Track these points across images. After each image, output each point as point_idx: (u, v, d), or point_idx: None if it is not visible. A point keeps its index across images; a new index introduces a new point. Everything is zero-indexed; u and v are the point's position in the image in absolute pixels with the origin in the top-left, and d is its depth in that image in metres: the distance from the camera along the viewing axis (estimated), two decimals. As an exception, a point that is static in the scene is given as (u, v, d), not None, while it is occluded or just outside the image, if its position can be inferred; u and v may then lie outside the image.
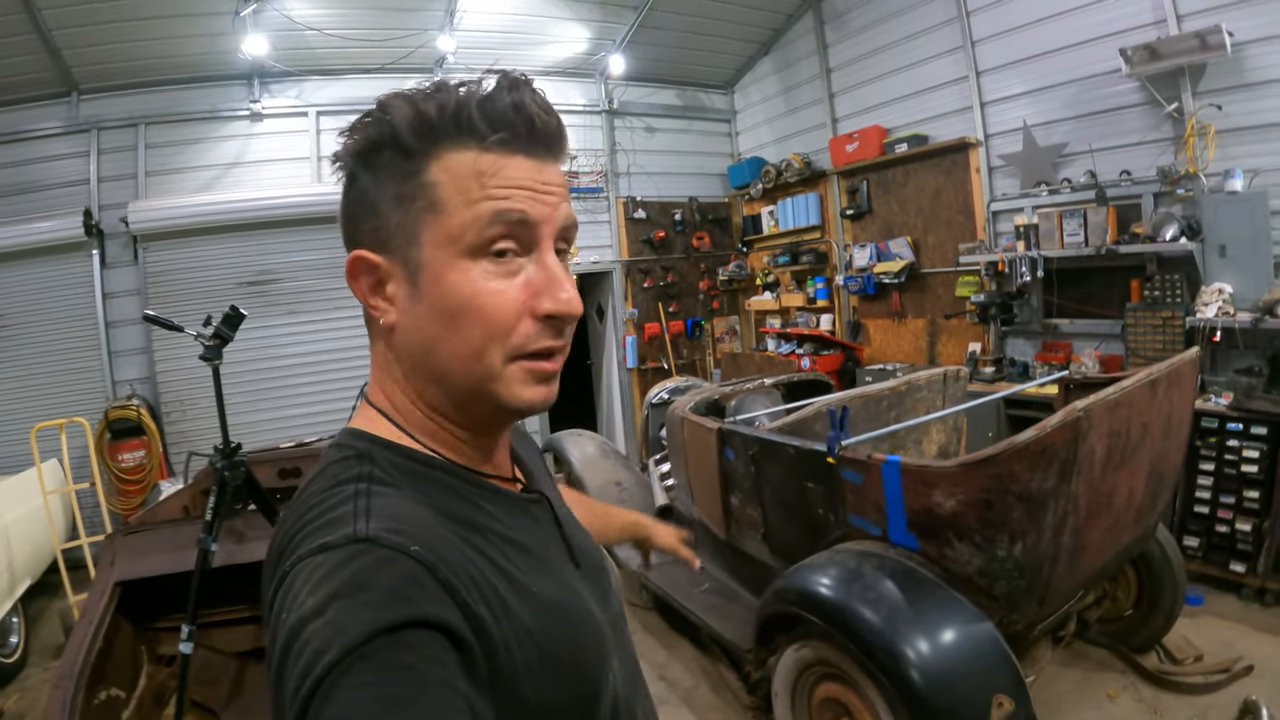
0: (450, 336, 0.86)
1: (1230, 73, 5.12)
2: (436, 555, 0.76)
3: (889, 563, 3.12)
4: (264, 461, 4.61)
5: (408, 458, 0.89)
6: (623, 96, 9.21)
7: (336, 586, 0.70)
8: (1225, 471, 4.74)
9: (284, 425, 7.26)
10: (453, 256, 0.84)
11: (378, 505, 0.80)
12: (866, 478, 3.29)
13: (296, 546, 0.78)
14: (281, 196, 7.33)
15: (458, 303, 0.84)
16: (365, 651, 0.65)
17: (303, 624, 0.68)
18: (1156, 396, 3.27)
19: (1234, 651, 4.12)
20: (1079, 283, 6.20)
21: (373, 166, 0.86)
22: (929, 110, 7.40)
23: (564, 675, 0.85)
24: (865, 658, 2.87)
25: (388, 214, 0.86)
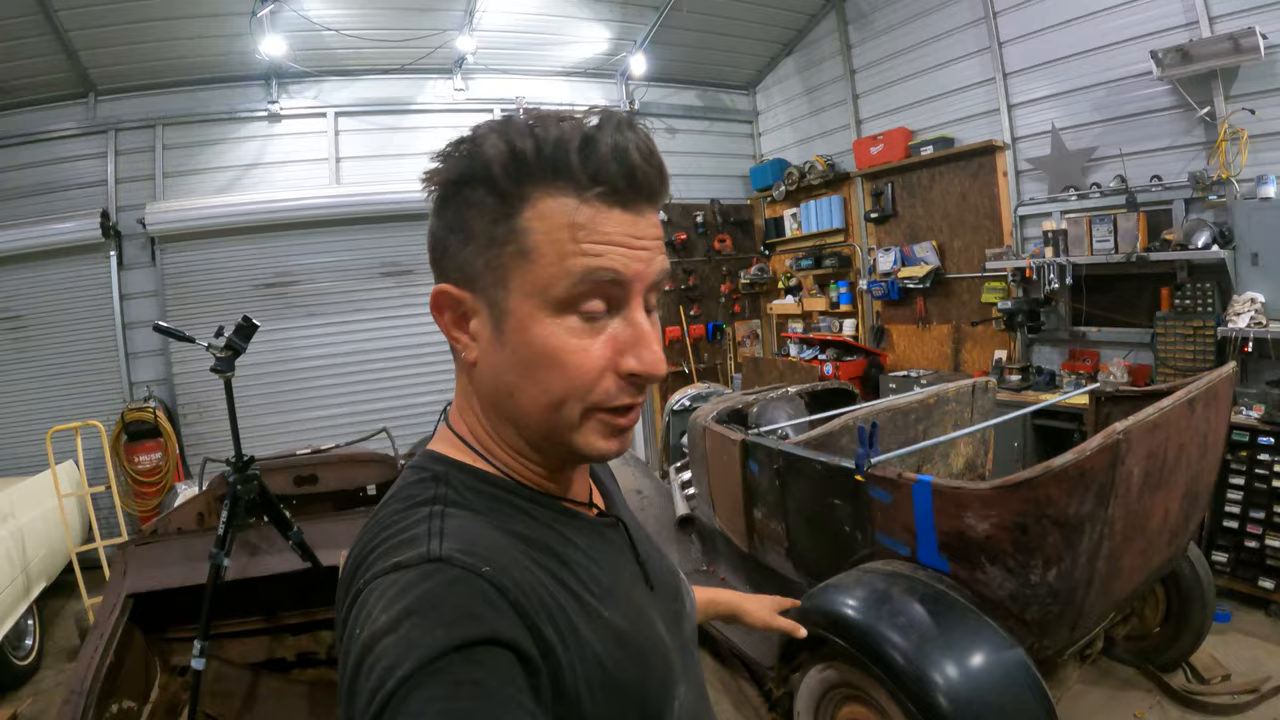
0: (529, 386, 0.85)
1: (1263, 76, 4.99)
2: (508, 577, 0.77)
3: (919, 585, 3.04)
4: (280, 469, 4.58)
5: (483, 481, 0.90)
6: (643, 97, 9.12)
7: (410, 604, 0.71)
8: (1256, 486, 4.63)
9: (303, 429, 7.26)
10: (539, 308, 0.82)
11: (451, 527, 0.81)
12: (896, 497, 3.21)
13: (371, 565, 0.80)
14: (300, 198, 7.31)
15: (540, 356, 0.83)
16: (437, 667, 0.66)
17: (376, 640, 0.69)
18: (1194, 415, 3.18)
19: (1262, 670, 4.07)
20: (1107, 290, 6.07)
21: (463, 200, 0.84)
22: (955, 112, 7.28)
23: (628, 700, 0.85)
24: (892, 683, 2.80)
25: (476, 252, 0.84)
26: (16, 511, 5.25)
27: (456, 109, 8.04)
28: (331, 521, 4.14)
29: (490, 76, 8.15)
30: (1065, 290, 6.20)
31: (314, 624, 3.95)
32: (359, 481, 4.85)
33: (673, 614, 1.06)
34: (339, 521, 4.15)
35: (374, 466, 4.91)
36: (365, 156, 7.75)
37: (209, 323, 3.73)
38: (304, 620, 3.94)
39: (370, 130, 7.80)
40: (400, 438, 7.03)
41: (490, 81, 8.16)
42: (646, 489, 5.62)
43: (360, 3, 7.00)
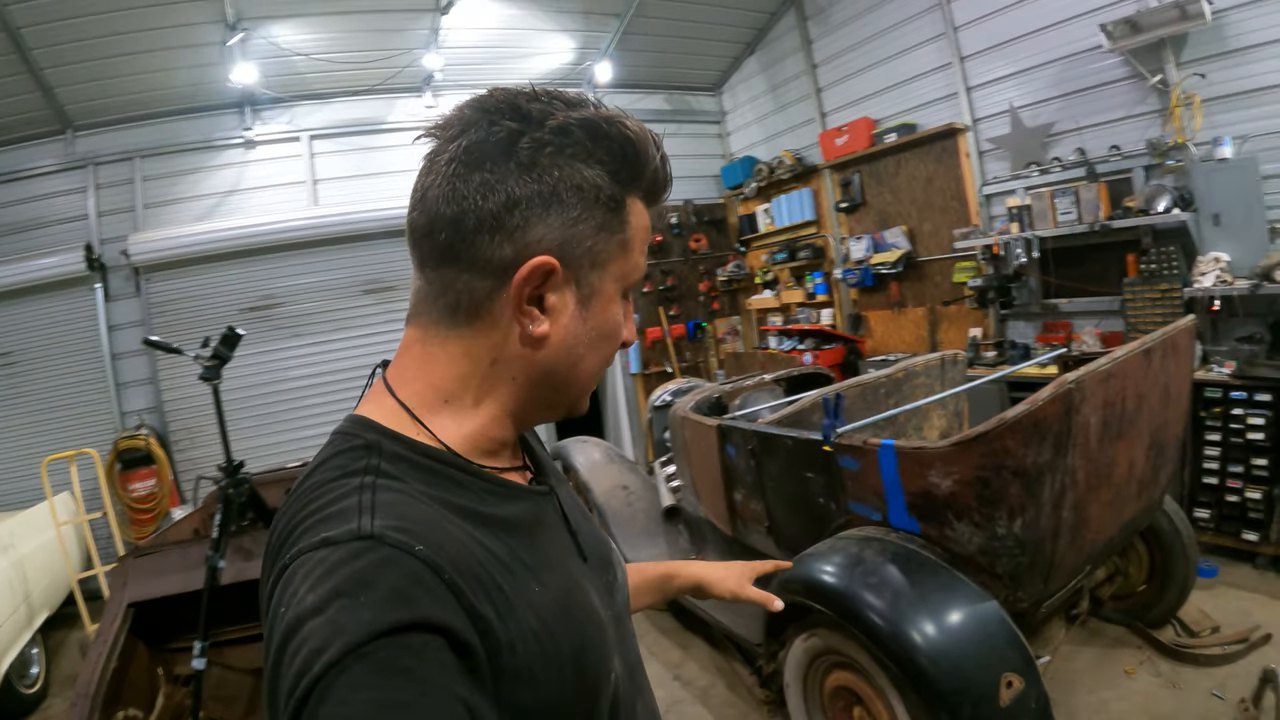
0: (592, 355, 0.94)
1: (1212, 41, 5.10)
2: (443, 555, 0.75)
3: (890, 547, 3.11)
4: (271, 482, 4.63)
5: (416, 451, 0.87)
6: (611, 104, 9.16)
7: (338, 584, 0.69)
8: (1232, 441, 4.72)
9: (293, 448, 7.31)
10: (618, 290, 0.94)
11: (383, 500, 0.78)
12: (864, 463, 3.29)
13: (297, 539, 0.77)
14: (279, 221, 7.41)
15: (610, 328, 0.94)
16: (365, 652, 0.64)
17: (301, 621, 0.68)
18: (1152, 366, 3.25)
19: (1251, 621, 4.10)
20: (1075, 262, 6.17)
21: (576, 179, 0.87)
22: (916, 99, 7.39)
23: (566, 674, 0.85)
24: (872, 643, 2.86)
25: (586, 234, 0.88)
26: (16, 543, 5.30)
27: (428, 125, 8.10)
28: None
29: (459, 92, 8.17)
30: (1034, 264, 6.29)
31: None
32: (350, 492, 4.92)
33: (605, 585, 1.06)
34: None
35: None
36: (341, 177, 7.85)
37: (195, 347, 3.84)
38: None
39: (345, 151, 7.90)
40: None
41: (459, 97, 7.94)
42: (633, 485, 5.67)
43: (328, 27, 7.11)
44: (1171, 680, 3.81)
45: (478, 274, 0.86)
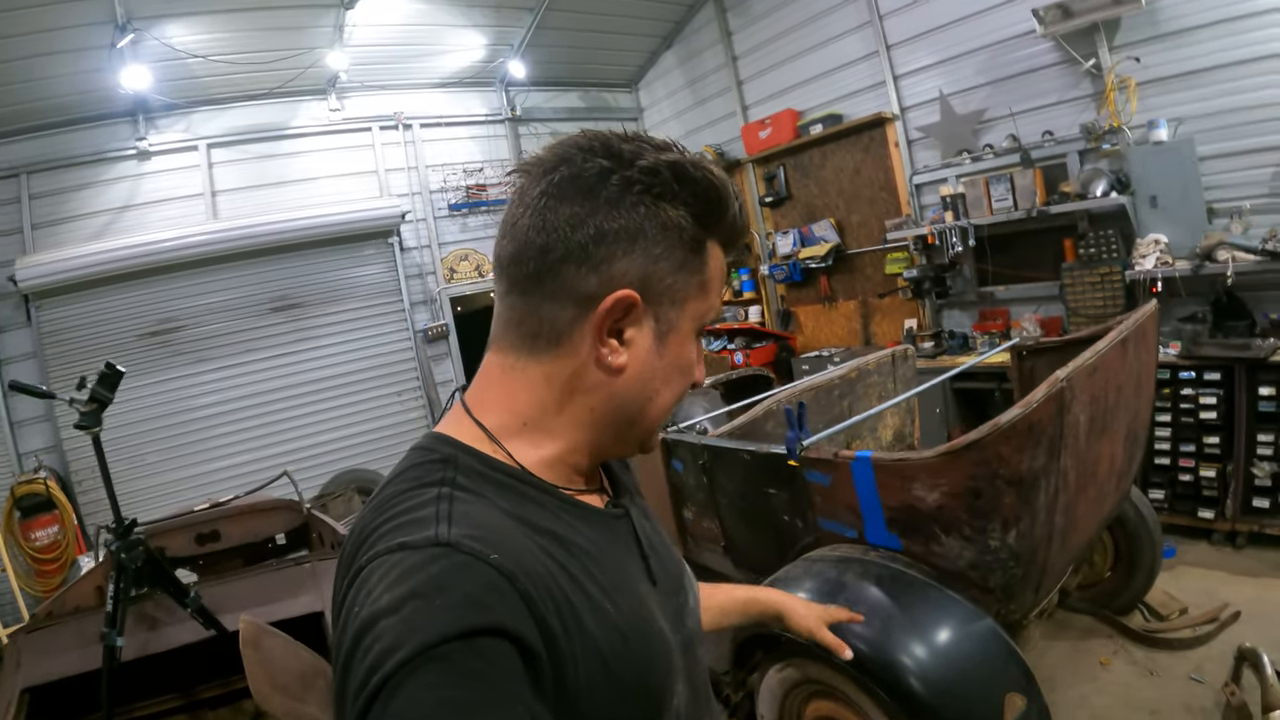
0: (666, 391, 0.96)
1: (1145, 24, 5.07)
2: (516, 564, 0.76)
3: (873, 567, 2.90)
4: (177, 528, 4.26)
5: (492, 467, 0.89)
6: (525, 103, 8.91)
7: (414, 586, 0.71)
8: (1183, 420, 4.71)
9: (206, 482, 6.86)
10: (693, 329, 0.97)
11: (459, 510, 0.80)
12: (835, 478, 3.08)
13: (375, 543, 0.79)
14: (177, 238, 6.86)
15: (685, 366, 0.97)
16: (438, 654, 0.66)
17: (375, 619, 0.69)
18: (1127, 356, 3.16)
19: (1216, 599, 4.10)
20: (1010, 248, 6.13)
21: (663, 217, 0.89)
22: (842, 89, 7.27)
23: (627, 694, 0.85)
24: (860, 674, 2.65)
25: (667, 271, 0.91)
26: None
27: (333, 130, 7.70)
28: (235, 581, 3.85)
29: (366, 94, 7.83)
30: (969, 252, 6.24)
31: (234, 694, 3.62)
32: (265, 532, 4.55)
33: (675, 609, 1.05)
34: (243, 580, 3.87)
35: (279, 514, 4.61)
36: (242, 188, 7.34)
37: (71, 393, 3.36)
38: (223, 692, 3.62)
39: (245, 160, 7.39)
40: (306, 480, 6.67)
41: (367, 99, 7.84)
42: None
43: (225, 25, 6.61)
44: (1148, 668, 3.76)
45: (561, 303, 0.89)
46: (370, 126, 7.86)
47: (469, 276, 8.47)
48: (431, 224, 8.24)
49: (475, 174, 8.52)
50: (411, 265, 8.10)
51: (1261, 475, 4.42)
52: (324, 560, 4.00)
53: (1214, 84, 4.88)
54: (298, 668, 2.74)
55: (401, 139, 8.05)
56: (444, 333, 8.18)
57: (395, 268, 7.92)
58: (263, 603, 3.59)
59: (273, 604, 3.58)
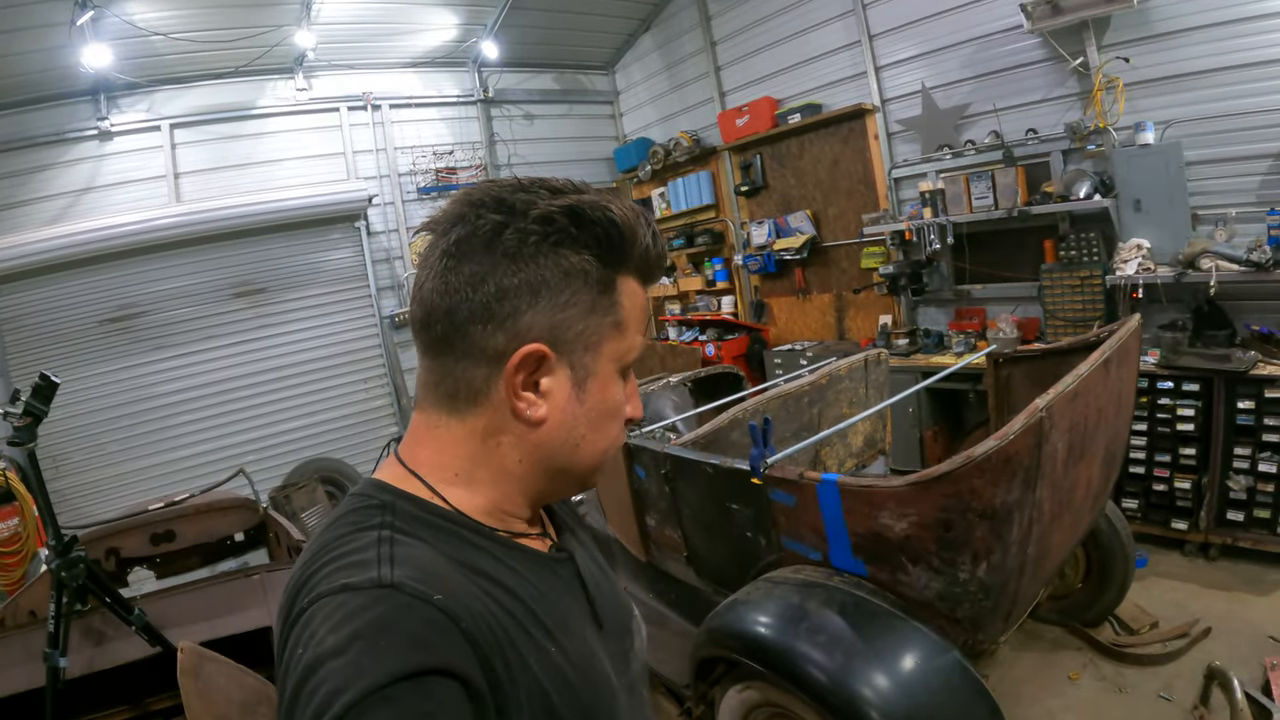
0: (596, 436, 0.95)
1: (1137, 24, 4.95)
2: (459, 606, 0.77)
3: (837, 594, 2.79)
4: (131, 528, 4.16)
5: (430, 512, 0.90)
6: (498, 84, 8.68)
7: (359, 627, 0.70)
8: (1159, 431, 4.65)
9: (165, 473, 6.71)
10: (615, 371, 0.94)
11: (401, 553, 0.80)
12: (800, 499, 2.96)
13: (315, 585, 0.78)
14: (138, 221, 6.59)
15: (611, 410, 0.95)
16: (386, 695, 0.65)
17: (320, 661, 0.69)
18: (1110, 376, 3.06)
19: (1187, 612, 4.09)
20: (989, 247, 6.03)
21: (563, 265, 0.88)
22: (822, 78, 7.11)
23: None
24: (822, 707, 2.55)
25: (576, 318, 0.89)
26: None
27: (300, 110, 7.45)
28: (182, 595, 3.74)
29: (335, 73, 7.57)
30: (947, 250, 6.13)
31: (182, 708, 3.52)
32: (221, 531, 4.45)
33: (621, 652, 1.06)
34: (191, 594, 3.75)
35: (236, 513, 4.51)
36: (205, 170, 7.08)
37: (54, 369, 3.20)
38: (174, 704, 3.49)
39: (209, 141, 7.12)
40: (269, 469, 6.53)
41: (335, 79, 7.59)
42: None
43: (189, 2, 6.33)
44: (1116, 684, 3.73)
45: (473, 361, 0.89)
46: (338, 107, 7.62)
47: (439, 262, 8.28)
48: (400, 208, 8.02)
49: (445, 157, 8.31)
50: (379, 250, 7.89)
51: (1237, 489, 4.36)
52: (275, 571, 3.89)
53: (1204, 88, 4.77)
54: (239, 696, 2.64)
55: (370, 120, 7.81)
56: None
57: (362, 252, 7.72)
58: (211, 617, 3.50)
59: (220, 618, 3.48)
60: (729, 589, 3.11)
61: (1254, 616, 3.98)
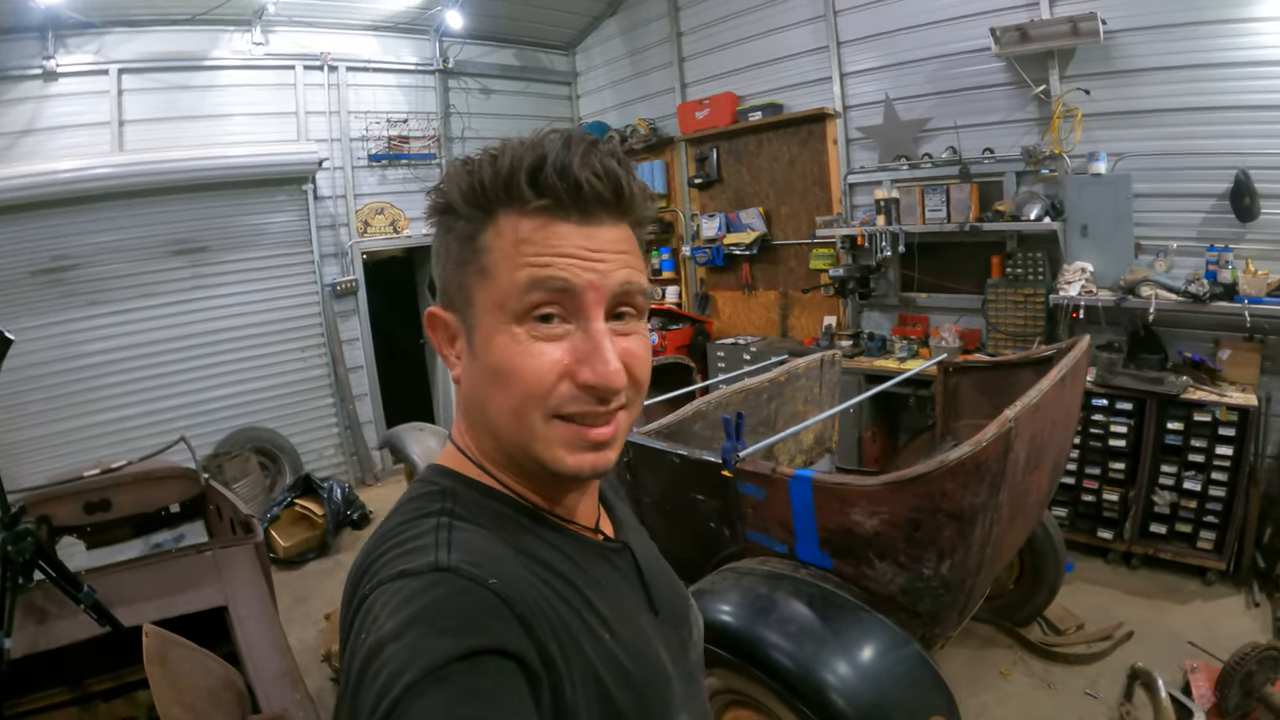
0: (496, 394, 0.88)
1: (1100, 59, 5.16)
2: (514, 590, 0.78)
3: (804, 586, 2.91)
4: (65, 495, 3.94)
5: (489, 497, 0.92)
6: (459, 55, 8.50)
7: (416, 611, 0.72)
8: (1091, 445, 4.90)
9: (93, 435, 6.39)
10: (499, 321, 0.85)
11: (458, 539, 0.82)
12: (770, 492, 3.06)
13: (377, 572, 0.81)
14: (79, 169, 6.21)
15: (500, 363, 0.86)
16: (443, 674, 0.67)
17: (381, 645, 0.70)
18: (1064, 392, 3.22)
19: (1110, 616, 4.33)
20: (937, 257, 6.21)
21: (443, 228, 0.91)
22: (786, 79, 7.18)
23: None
24: (789, 694, 2.66)
25: (451, 275, 0.90)
26: None
27: (255, 65, 7.16)
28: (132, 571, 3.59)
29: (293, 30, 7.30)
30: (896, 257, 6.29)
31: (128, 687, 3.38)
32: (159, 502, 4.24)
33: (677, 641, 1.06)
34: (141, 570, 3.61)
35: (175, 483, 4.30)
36: (152, 120, 6.73)
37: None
38: (116, 685, 3.37)
39: (158, 90, 6.77)
40: (199, 437, 6.32)
41: (293, 35, 7.31)
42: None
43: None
44: (1045, 680, 3.94)
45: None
46: (294, 65, 7.34)
47: (383, 231, 8.10)
48: (349, 173, 7.82)
49: (399, 125, 8.12)
50: (325, 215, 7.65)
51: (1161, 503, 4.63)
52: (227, 548, 3.74)
53: (1157, 126, 5.01)
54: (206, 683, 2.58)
55: (326, 81, 7.56)
56: (353, 288, 7.82)
57: (308, 217, 7.46)
58: (162, 595, 3.35)
59: (173, 597, 3.34)
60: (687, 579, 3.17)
61: (1173, 623, 4.25)
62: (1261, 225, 4.65)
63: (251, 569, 3.62)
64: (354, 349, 7.93)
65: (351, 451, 7.92)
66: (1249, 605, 4.37)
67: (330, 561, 6.15)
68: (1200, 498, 4.53)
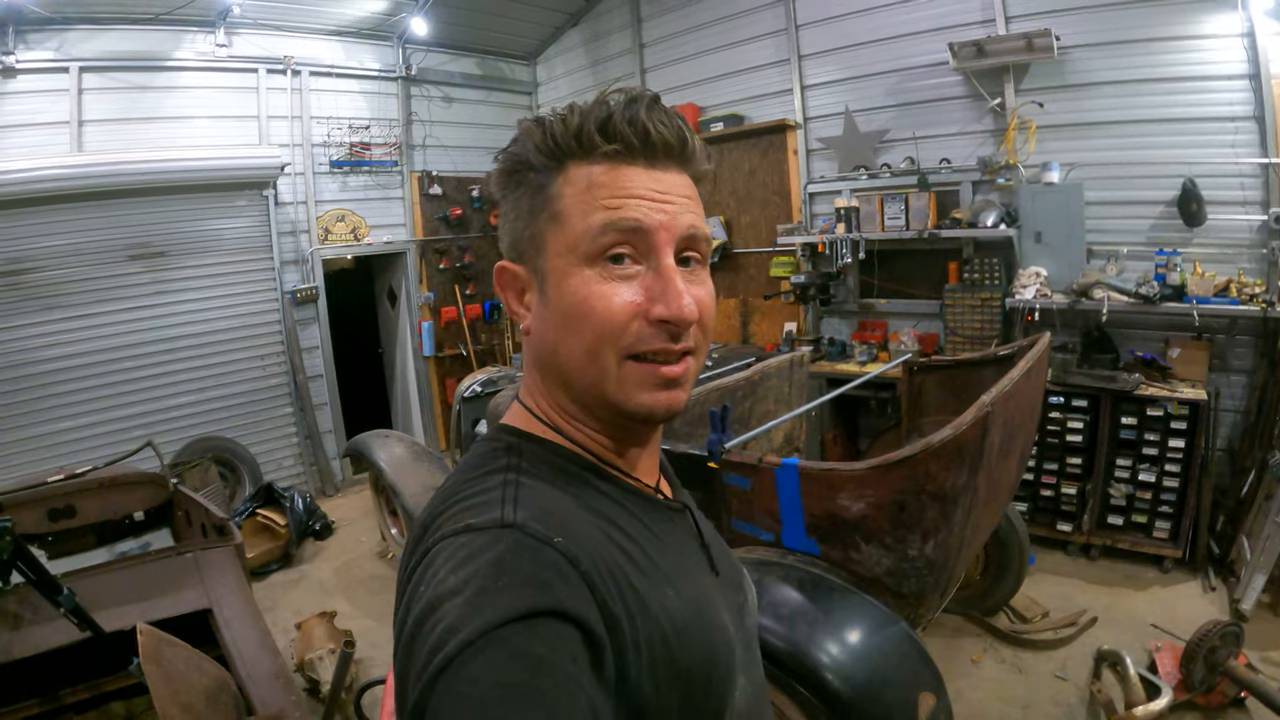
0: (568, 338, 0.89)
1: (1054, 74, 5.40)
2: (579, 548, 0.78)
3: (793, 572, 2.99)
4: (27, 501, 3.81)
5: (555, 454, 0.93)
6: (421, 63, 8.51)
7: (478, 567, 0.72)
8: (1049, 441, 5.10)
9: (49, 444, 6.22)
10: (571, 264, 0.88)
11: (525, 495, 0.83)
12: (756, 482, 3.15)
13: (441, 525, 0.81)
14: (35, 169, 6.07)
15: (573, 305, 0.88)
16: (499, 635, 0.66)
17: (440, 600, 0.70)
18: (1030, 383, 3.36)
19: (1074, 604, 4.51)
20: (896, 264, 6.41)
21: (514, 184, 0.94)
22: (747, 91, 7.34)
23: (691, 683, 0.84)
24: (784, 675, 2.73)
25: (522, 227, 0.93)
26: None
27: (217, 67, 7.08)
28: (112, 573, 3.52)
29: (257, 33, 7.24)
30: (856, 264, 6.46)
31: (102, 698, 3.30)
32: (124, 509, 4.15)
33: (736, 605, 1.05)
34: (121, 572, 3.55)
35: (142, 489, 4.22)
36: (112, 120, 6.63)
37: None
38: (90, 695, 3.28)
39: (118, 90, 6.66)
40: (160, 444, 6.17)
41: (256, 38, 7.26)
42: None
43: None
44: (1016, 666, 4.09)
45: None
46: (257, 68, 7.28)
47: (344, 239, 8.05)
48: (310, 179, 7.75)
49: (361, 131, 8.08)
50: (285, 222, 7.58)
51: (1118, 495, 4.83)
52: (207, 550, 3.69)
53: (1107, 137, 5.27)
54: (202, 683, 2.55)
55: (288, 86, 7.50)
56: (314, 296, 7.74)
57: (268, 223, 7.37)
58: (144, 598, 3.30)
59: (156, 600, 3.30)
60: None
61: (1135, 608, 4.45)
62: (1208, 230, 4.91)
63: (234, 571, 3.59)
64: (314, 357, 7.83)
65: (311, 461, 7.81)
66: (1205, 589, 4.59)
67: (295, 572, 6.07)
68: (1155, 489, 4.76)
